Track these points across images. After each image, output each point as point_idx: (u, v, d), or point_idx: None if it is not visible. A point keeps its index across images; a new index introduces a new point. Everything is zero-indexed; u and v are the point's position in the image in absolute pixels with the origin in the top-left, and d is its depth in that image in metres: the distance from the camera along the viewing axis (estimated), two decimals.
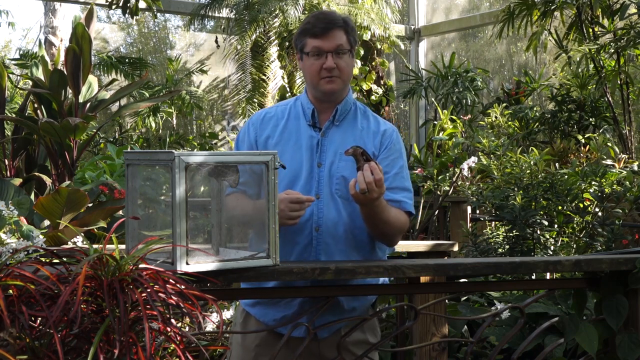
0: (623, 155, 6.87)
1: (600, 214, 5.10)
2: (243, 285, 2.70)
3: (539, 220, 4.89)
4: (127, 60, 11.33)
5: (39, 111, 5.60)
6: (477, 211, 6.93)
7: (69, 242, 3.37)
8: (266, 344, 2.75)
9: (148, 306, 1.92)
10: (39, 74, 6.04)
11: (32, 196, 4.99)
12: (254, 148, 2.78)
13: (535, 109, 9.04)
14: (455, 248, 4.46)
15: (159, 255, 2.20)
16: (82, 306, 1.92)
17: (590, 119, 8.45)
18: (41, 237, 2.34)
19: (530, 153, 5.70)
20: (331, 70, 2.71)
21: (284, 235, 2.61)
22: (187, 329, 2.90)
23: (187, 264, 2.19)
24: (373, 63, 11.22)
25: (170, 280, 2.02)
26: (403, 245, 4.23)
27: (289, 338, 2.55)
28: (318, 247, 2.70)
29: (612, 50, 7.39)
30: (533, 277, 4.24)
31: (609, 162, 6.58)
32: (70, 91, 5.56)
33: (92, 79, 5.69)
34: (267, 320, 2.76)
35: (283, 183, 2.66)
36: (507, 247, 4.95)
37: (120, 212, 3.88)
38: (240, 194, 2.50)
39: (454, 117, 9.49)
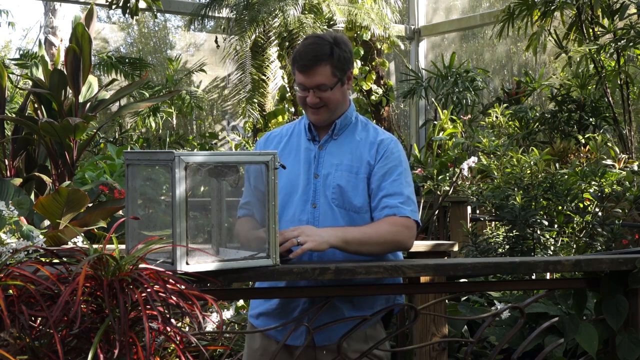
0: (623, 155, 6.87)
1: (600, 214, 5.10)
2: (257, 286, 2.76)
3: (539, 220, 4.89)
4: (127, 60, 11.34)
5: (39, 111, 5.60)
6: (477, 211, 6.93)
7: (69, 242, 3.37)
8: (269, 352, 2.77)
9: (148, 306, 1.92)
10: (39, 74, 6.04)
11: (32, 196, 4.99)
12: None
13: (535, 109, 9.04)
14: (455, 248, 4.45)
15: (159, 255, 2.20)
16: (82, 306, 1.92)
17: (591, 119, 8.45)
18: (41, 237, 2.34)
19: (530, 153, 5.69)
20: (314, 104, 2.73)
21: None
22: (187, 329, 2.90)
23: (187, 264, 2.19)
24: (373, 63, 11.22)
25: (170, 280, 2.02)
26: None
27: (290, 347, 2.62)
28: (313, 255, 2.69)
29: (612, 51, 7.38)
30: (533, 277, 4.24)
31: (609, 162, 6.58)
32: (70, 91, 5.56)
33: (92, 79, 5.69)
34: (270, 332, 2.77)
35: (282, 194, 2.69)
36: (507, 247, 4.95)
37: (120, 212, 3.88)
38: (248, 220, 2.58)
39: (454, 117, 9.49)
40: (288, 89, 10.49)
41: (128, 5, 6.90)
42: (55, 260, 2.10)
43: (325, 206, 2.72)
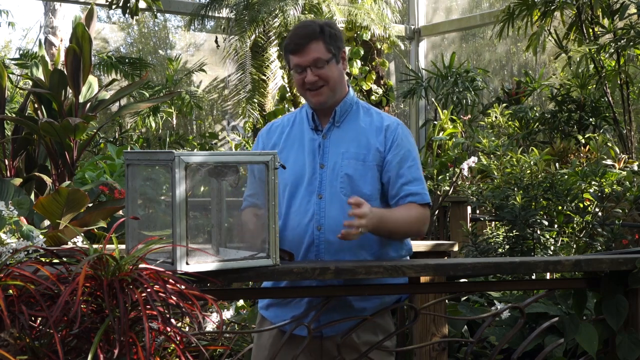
0: (623, 155, 6.87)
1: (600, 214, 5.10)
2: (264, 285, 2.78)
3: (539, 220, 4.89)
4: (127, 60, 11.33)
5: (39, 111, 5.60)
6: (477, 211, 6.92)
7: (69, 242, 3.37)
8: (279, 342, 2.77)
9: (148, 306, 1.92)
10: (39, 74, 6.04)
11: (32, 196, 4.99)
12: None
13: (535, 109, 9.04)
14: (455, 248, 4.45)
15: (159, 255, 2.20)
16: (82, 306, 1.92)
17: (591, 119, 8.45)
18: (41, 237, 2.34)
19: (530, 153, 5.69)
20: (313, 83, 2.74)
21: (288, 236, 2.70)
22: (187, 329, 2.90)
23: (187, 264, 2.19)
24: (373, 63, 11.22)
25: (170, 280, 2.02)
26: None
27: (297, 337, 2.62)
28: (320, 246, 2.72)
29: (612, 50, 7.38)
30: (533, 277, 4.23)
31: (609, 162, 6.58)
32: (70, 91, 5.56)
33: (92, 79, 5.69)
34: (279, 322, 2.78)
35: (289, 185, 2.73)
36: (507, 247, 4.95)
37: (120, 212, 3.88)
38: (254, 208, 2.55)
39: (454, 117, 9.49)
40: (288, 89, 10.49)
41: (128, 5, 6.90)
42: (55, 260, 2.10)
43: (331, 196, 2.72)
